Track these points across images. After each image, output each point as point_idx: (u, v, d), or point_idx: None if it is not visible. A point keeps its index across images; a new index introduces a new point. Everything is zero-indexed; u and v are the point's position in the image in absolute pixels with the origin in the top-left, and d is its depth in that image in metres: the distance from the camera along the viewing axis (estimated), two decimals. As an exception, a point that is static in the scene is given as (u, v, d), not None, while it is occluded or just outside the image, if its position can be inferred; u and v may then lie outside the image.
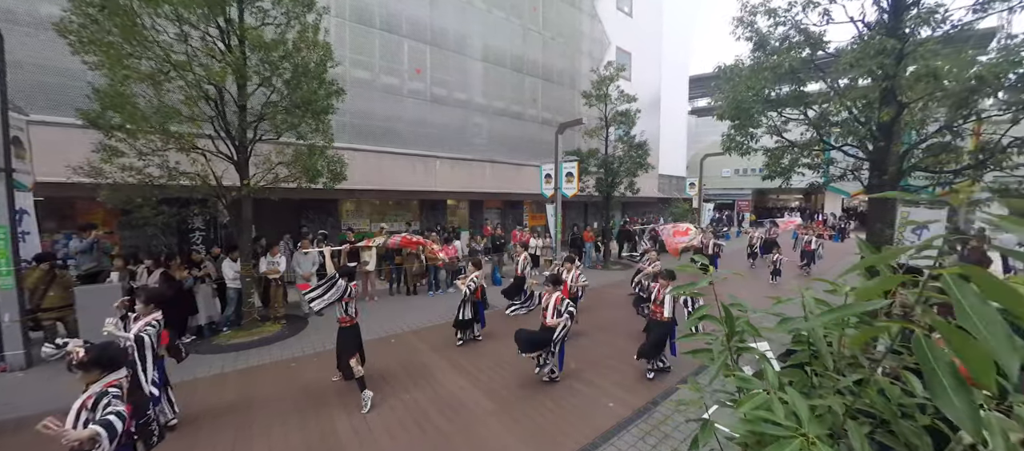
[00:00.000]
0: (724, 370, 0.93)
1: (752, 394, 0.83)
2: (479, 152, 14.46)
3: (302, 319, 7.79)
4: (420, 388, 5.05)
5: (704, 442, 0.92)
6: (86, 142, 6.15)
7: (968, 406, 0.67)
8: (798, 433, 0.73)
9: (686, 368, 5.61)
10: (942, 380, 0.71)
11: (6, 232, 5.34)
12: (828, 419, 0.82)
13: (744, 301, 1.01)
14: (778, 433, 0.74)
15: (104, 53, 5.39)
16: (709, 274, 1.03)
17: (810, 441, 0.72)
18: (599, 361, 5.88)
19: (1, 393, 4.92)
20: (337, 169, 7.35)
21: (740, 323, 0.95)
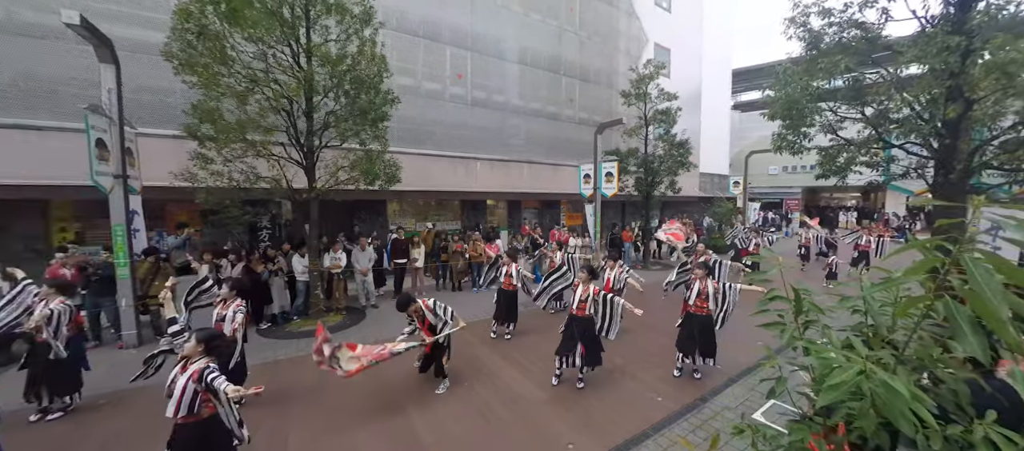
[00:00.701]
0: (791, 341, 1.14)
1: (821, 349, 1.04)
2: (517, 153, 14.80)
3: (360, 311, 8.43)
4: (478, 379, 5.39)
5: (780, 391, 1.14)
6: (177, 151, 7.05)
7: (980, 342, 0.93)
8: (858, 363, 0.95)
9: (732, 368, 5.62)
10: (963, 326, 0.96)
11: (123, 230, 6.25)
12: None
13: (810, 286, 1.19)
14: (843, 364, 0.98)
15: (199, 74, 6.18)
16: (780, 263, 1.24)
17: (868, 371, 0.93)
18: (644, 357, 6.00)
19: (121, 367, 5.78)
20: (391, 172, 7.91)
21: (805, 303, 1.15)
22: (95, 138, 5.80)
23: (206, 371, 2.90)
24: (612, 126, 12.90)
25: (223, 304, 4.57)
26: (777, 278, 1.16)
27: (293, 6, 6.80)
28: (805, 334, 1.13)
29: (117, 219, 6.17)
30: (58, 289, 4.61)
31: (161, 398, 2.94)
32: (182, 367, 2.97)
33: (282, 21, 6.63)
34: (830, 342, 1.07)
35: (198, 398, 2.88)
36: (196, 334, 3.08)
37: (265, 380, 4.97)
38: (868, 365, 0.94)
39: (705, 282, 5.32)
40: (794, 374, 1.24)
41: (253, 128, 6.64)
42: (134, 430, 4.20)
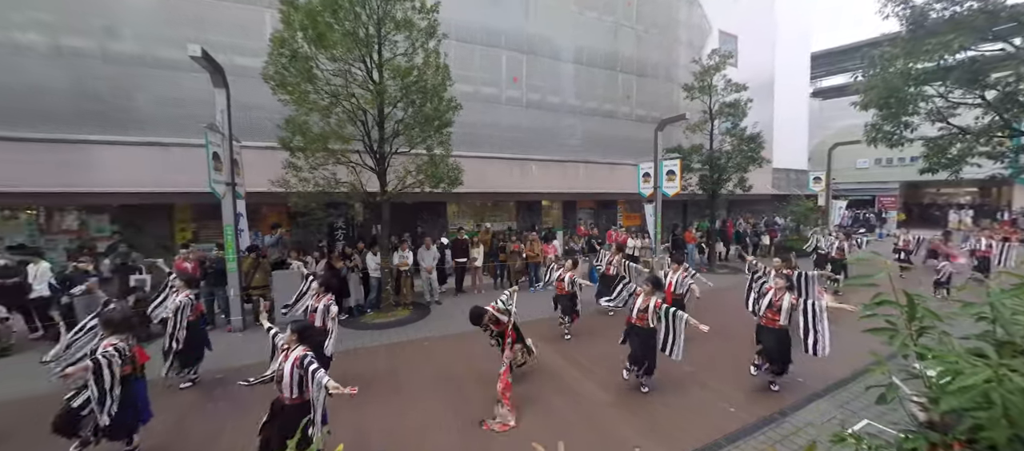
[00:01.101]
0: (903, 348, 1.07)
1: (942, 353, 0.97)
2: (572, 153, 14.72)
3: (425, 307, 8.95)
4: (540, 375, 5.51)
5: (891, 398, 1.09)
6: (268, 160, 8.01)
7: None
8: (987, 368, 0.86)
9: (817, 382, 5.16)
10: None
11: (232, 230, 7.26)
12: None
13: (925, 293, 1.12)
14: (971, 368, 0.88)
15: (291, 92, 6.99)
16: (887, 266, 1.16)
17: (1001, 376, 0.85)
18: (713, 365, 5.71)
19: (232, 346, 6.71)
20: (454, 175, 8.31)
21: (919, 308, 1.07)
22: (212, 152, 6.82)
23: (305, 358, 3.29)
24: (674, 122, 12.34)
25: (316, 297, 5.15)
26: (884, 282, 1.10)
27: (367, 26, 7.42)
28: (919, 342, 1.06)
29: (227, 220, 7.19)
30: (186, 283, 5.49)
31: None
32: (285, 355, 3.41)
33: (358, 40, 7.27)
34: (952, 349, 0.99)
35: (303, 381, 3.29)
36: (291, 326, 3.50)
37: (344, 366, 5.49)
38: (1000, 370, 0.86)
39: (779, 294, 4.92)
40: (905, 384, 1.16)
41: (334, 138, 7.36)
42: (247, 398, 4.87)
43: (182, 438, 4.16)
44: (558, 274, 6.92)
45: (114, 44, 9.55)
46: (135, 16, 9.65)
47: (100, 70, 9.43)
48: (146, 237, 10.31)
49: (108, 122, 9.49)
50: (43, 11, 9.04)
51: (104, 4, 9.44)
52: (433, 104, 7.86)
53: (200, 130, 6.78)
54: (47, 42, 9.15)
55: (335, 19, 6.92)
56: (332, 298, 5.18)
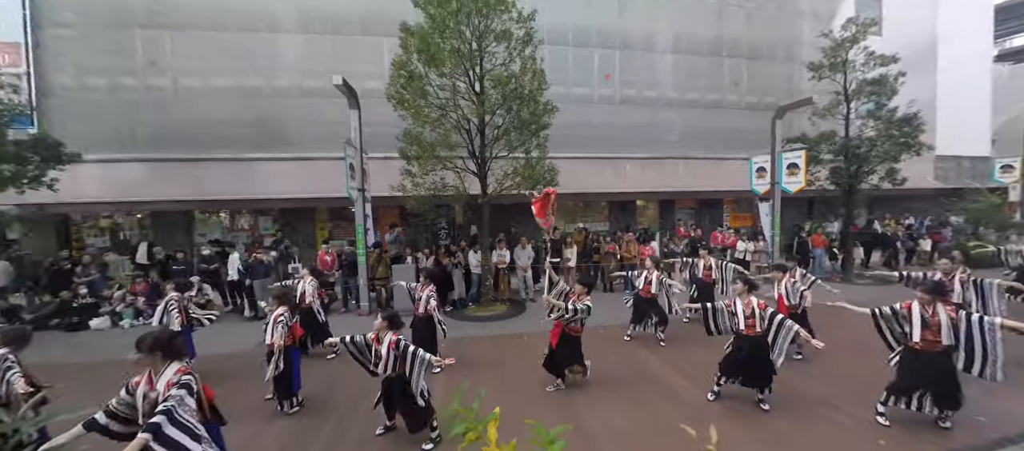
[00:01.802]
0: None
1: None
2: (670, 149, 13.83)
3: (521, 303, 9.31)
4: (643, 380, 5.35)
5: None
6: (384, 168, 9.13)
7: None
8: None
9: (1007, 424, 4.09)
10: None
11: (362, 229, 8.48)
12: None
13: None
14: None
15: (408, 108, 7.91)
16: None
17: None
18: (852, 387, 4.89)
19: (360, 328, 7.80)
20: (549, 177, 8.51)
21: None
22: (348, 163, 8.07)
23: (400, 341, 3.88)
24: (796, 108, 10.82)
25: (421, 287, 5.78)
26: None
27: (470, 42, 8.02)
28: None
29: (358, 221, 8.44)
30: (312, 273, 6.66)
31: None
32: (376, 340, 4.00)
33: (462, 56, 7.91)
34: None
35: (396, 361, 3.86)
36: (380, 314, 4.12)
37: (456, 352, 6.00)
38: None
39: (931, 308, 3.89)
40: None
41: (442, 146, 8.12)
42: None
43: (333, 396, 5.04)
44: (645, 276, 6.61)
45: (274, 81, 11.88)
46: (288, 56, 11.87)
47: (266, 102, 11.82)
48: (297, 234, 12.61)
49: (269, 143, 11.82)
50: (230, 59, 11.65)
51: (269, 49, 11.79)
52: (530, 109, 8.16)
53: (334, 145, 8.13)
54: (232, 84, 11.79)
55: (442, 38, 7.65)
56: (433, 289, 5.80)
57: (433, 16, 7.70)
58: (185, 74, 11.62)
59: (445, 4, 7.63)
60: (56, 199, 9.36)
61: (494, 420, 1.57)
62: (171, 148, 11.40)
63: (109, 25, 11.38)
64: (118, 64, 11.47)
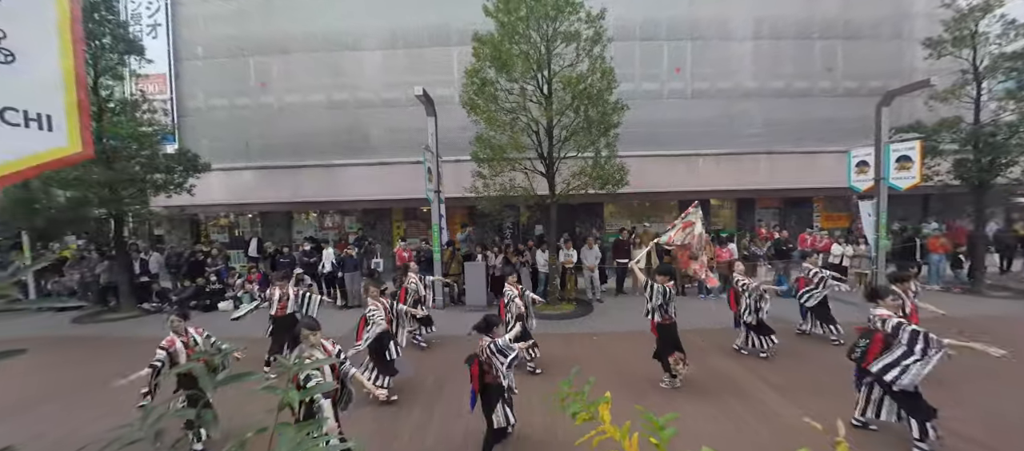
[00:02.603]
0: None
1: None
2: (750, 144, 12.82)
3: (588, 303, 9.28)
4: (724, 388, 5.10)
5: None
6: (454, 171, 9.59)
7: None
8: None
9: None
10: None
11: (437, 228, 9.04)
12: None
13: None
14: None
15: (481, 113, 8.28)
16: None
17: None
18: (997, 422, 4.19)
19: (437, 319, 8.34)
20: (619, 176, 8.39)
21: None
22: (426, 167, 8.68)
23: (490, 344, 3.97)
24: (910, 92, 9.46)
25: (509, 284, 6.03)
26: None
27: (539, 46, 8.18)
28: None
29: (434, 220, 9.01)
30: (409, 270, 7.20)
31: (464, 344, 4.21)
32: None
33: (531, 60, 8.09)
34: None
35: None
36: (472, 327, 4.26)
37: (531, 349, 6.19)
38: None
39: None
40: None
41: (512, 148, 8.38)
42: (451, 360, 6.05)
43: (421, 382, 5.48)
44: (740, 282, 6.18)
45: (358, 94, 13.08)
46: (370, 71, 12.98)
47: (351, 113, 13.05)
48: (376, 232, 13.76)
49: (353, 150, 13.02)
50: (322, 77, 13.05)
51: (354, 66, 13.00)
52: (598, 108, 8.11)
53: (408, 150, 8.77)
54: (323, 99, 13.20)
55: (513, 43, 7.91)
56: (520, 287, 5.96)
57: (503, 23, 7.99)
58: (287, 92, 13.26)
59: (515, 10, 7.87)
60: (191, 202, 11.25)
61: (606, 402, 1.68)
62: (275, 157, 13.09)
63: (228, 55, 13.37)
64: (235, 87, 13.44)
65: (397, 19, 12.71)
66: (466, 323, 5.07)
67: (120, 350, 7.11)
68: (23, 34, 1.67)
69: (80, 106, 1.87)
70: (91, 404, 5.01)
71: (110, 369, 5.86)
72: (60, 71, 1.79)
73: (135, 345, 6.94)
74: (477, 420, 4.20)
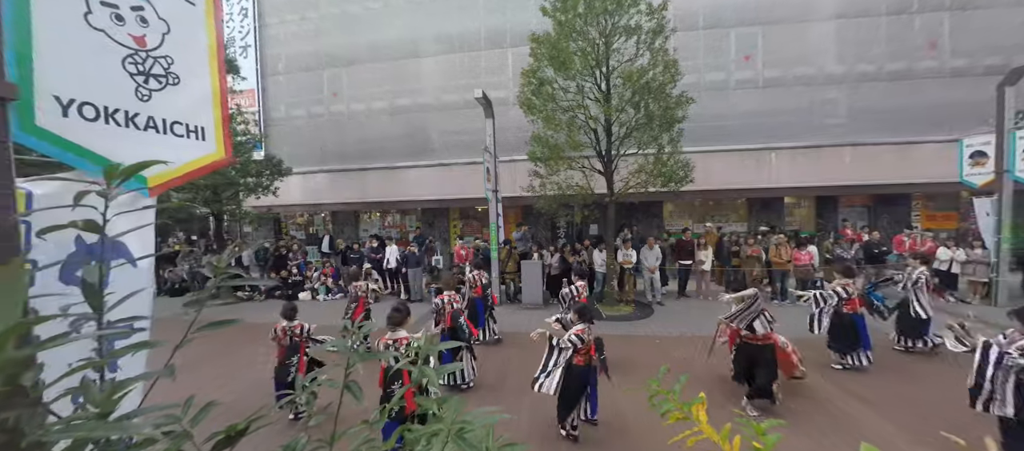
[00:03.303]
0: None
1: None
2: (831, 135, 11.60)
3: (648, 306, 8.98)
4: (817, 408, 4.66)
5: None
6: (509, 170, 9.70)
7: None
8: None
9: None
10: None
11: (495, 227, 9.26)
12: None
13: None
14: None
15: (538, 113, 8.33)
16: None
17: None
18: None
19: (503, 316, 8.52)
20: (684, 173, 8.02)
21: None
22: (485, 167, 8.92)
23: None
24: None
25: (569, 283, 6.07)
26: None
27: (597, 43, 8.04)
28: None
29: (492, 219, 9.24)
30: (475, 266, 7.40)
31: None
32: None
33: (589, 57, 7.99)
34: None
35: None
36: (573, 308, 4.31)
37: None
38: None
39: None
40: None
41: (569, 147, 8.33)
42: (519, 356, 6.16)
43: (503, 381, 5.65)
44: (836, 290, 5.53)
45: (418, 99, 13.74)
46: (428, 76, 13.58)
47: (411, 118, 13.74)
48: (434, 230, 14.38)
49: (414, 153, 13.69)
50: (385, 84, 13.88)
51: (414, 72, 13.67)
52: (660, 103, 7.81)
53: (464, 151, 9.01)
54: (387, 105, 14.04)
55: (570, 41, 7.86)
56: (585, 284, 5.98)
57: (561, 22, 7.97)
58: (354, 101, 14.29)
59: (573, 8, 7.82)
60: (275, 202, 12.54)
61: (701, 403, 1.64)
62: (345, 161, 14.16)
63: (305, 69, 14.70)
64: (311, 98, 14.74)
65: (455, 25, 13.16)
66: (522, 320, 5.16)
67: (223, 330, 8.13)
68: (186, 59, 2.00)
69: (223, 119, 2.19)
70: (212, 373, 5.80)
71: (218, 346, 6.77)
72: (210, 91, 2.12)
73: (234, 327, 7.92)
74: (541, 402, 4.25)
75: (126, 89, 1.81)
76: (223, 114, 2.19)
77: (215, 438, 0.97)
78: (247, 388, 5.33)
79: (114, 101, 1.76)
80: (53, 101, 1.57)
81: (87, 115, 1.68)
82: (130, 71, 1.82)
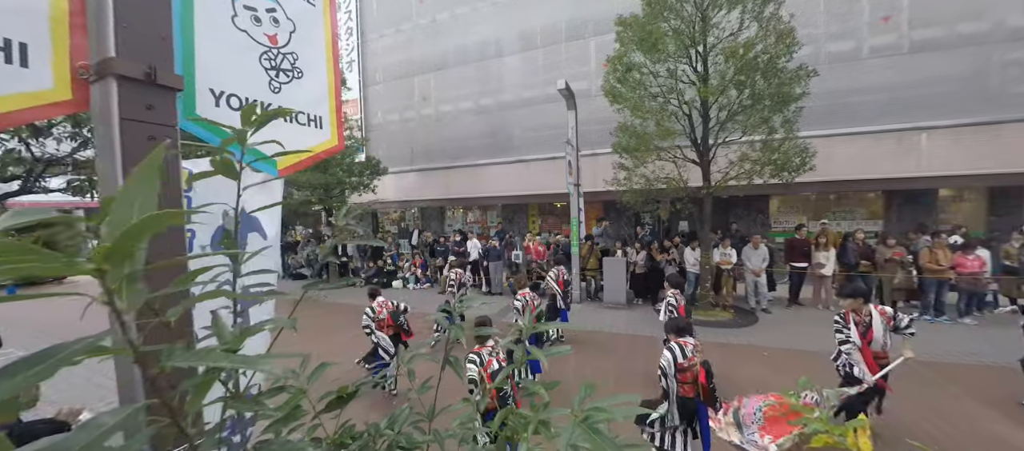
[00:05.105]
0: None
1: None
2: (1010, 108, 9.00)
3: (750, 312, 7.96)
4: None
5: None
6: (589, 164, 9.29)
7: None
8: None
9: None
10: None
11: (576, 222, 9.02)
12: None
13: None
14: None
15: (624, 101, 7.87)
16: None
17: None
18: None
19: (573, 316, 8.30)
20: (803, 159, 6.92)
21: None
22: (567, 160, 8.74)
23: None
24: None
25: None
26: None
27: (693, 19, 7.28)
28: None
29: (573, 214, 9.02)
30: (556, 262, 7.29)
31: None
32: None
33: (684, 35, 7.28)
34: None
35: None
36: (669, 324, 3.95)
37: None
38: None
39: None
40: None
41: (660, 136, 7.73)
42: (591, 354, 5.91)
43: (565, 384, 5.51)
44: None
45: (500, 97, 14.02)
46: (510, 74, 13.78)
47: (494, 117, 14.08)
48: (514, 226, 14.60)
49: (496, 150, 14.02)
50: (470, 86, 14.45)
51: (497, 72, 13.99)
52: (772, 80, 6.81)
53: (544, 147, 8.88)
54: (472, 106, 14.59)
55: (662, 20, 7.25)
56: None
57: (651, 1, 7.40)
58: (442, 103, 15.15)
59: (665, -17, 7.20)
60: (373, 199, 13.88)
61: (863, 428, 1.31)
62: (432, 160, 15.11)
63: (399, 77, 16.02)
64: (404, 103, 16.02)
65: (537, 20, 13.17)
66: (603, 320, 4.88)
67: (331, 309, 9.27)
68: (308, 55, 2.20)
69: (337, 109, 2.38)
70: (323, 348, 6.62)
71: (329, 322, 7.70)
72: (326, 84, 2.31)
73: (340, 307, 9.12)
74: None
75: (262, 82, 2.04)
76: (337, 104, 2.38)
77: (328, 398, 1.03)
78: (351, 362, 5.95)
79: (253, 93, 2.00)
80: (209, 93, 1.82)
81: (233, 105, 1.92)
82: (265, 66, 2.05)
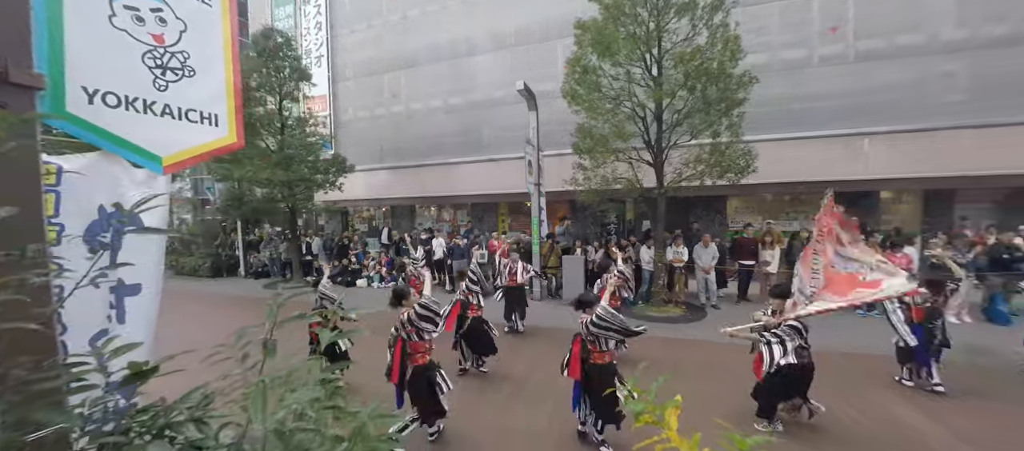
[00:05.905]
0: None
1: None
2: (944, 115, 9.62)
3: (701, 308, 8.25)
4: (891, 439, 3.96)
5: None
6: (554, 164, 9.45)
7: None
8: None
9: None
10: None
11: (537, 221, 9.14)
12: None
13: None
14: None
15: (581, 103, 8.02)
16: None
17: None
18: None
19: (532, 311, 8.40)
20: (744, 162, 7.21)
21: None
22: (527, 160, 8.84)
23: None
24: None
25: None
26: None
27: (647, 23, 7.50)
28: None
29: (534, 213, 9.14)
30: (521, 257, 7.39)
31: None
32: None
33: (638, 40, 7.48)
34: None
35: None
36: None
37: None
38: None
39: None
40: None
41: (616, 137, 7.91)
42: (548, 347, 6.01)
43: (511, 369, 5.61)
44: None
45: (470, 96, 14.03)
46: (480, 74, 13.80)
47: (464, 115, 14.07)
48: (484, 225, 14.64)
49: (467, 148, 14.01)
50: (441, 84, 14.38)
51: (468, 71, 13.98)
52: (719, 85, 7.08)
53: (514, 146, 8.97)
54: (442, 104, 14.54)
55: (617, 25, 7.43)
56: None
57: (607, 6, 7.57)
58: (412, 101, 15.03)
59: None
60: (342, 197, 13.65)
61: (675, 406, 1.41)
62: (403, 158, 14.97)
63: (368, 74, 15.79)
64: (374, 100, 15.80)
65: (506, 20, 13.22)
66: (562, 315, 5.01)
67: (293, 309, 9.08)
68: (201, 53, 2.19)
69: (236, 109, 2.37)
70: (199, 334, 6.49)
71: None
72: (224, 81, 2.31)
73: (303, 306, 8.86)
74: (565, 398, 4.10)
75: (145, 80, 2.02)
76: (237, 103, 2.38)
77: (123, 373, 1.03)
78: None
79: (133, 91, 1.98)
80: (81, 91, 1.80)
81: (110, 102, 1.90)
82: (148, 65, 2.03)
